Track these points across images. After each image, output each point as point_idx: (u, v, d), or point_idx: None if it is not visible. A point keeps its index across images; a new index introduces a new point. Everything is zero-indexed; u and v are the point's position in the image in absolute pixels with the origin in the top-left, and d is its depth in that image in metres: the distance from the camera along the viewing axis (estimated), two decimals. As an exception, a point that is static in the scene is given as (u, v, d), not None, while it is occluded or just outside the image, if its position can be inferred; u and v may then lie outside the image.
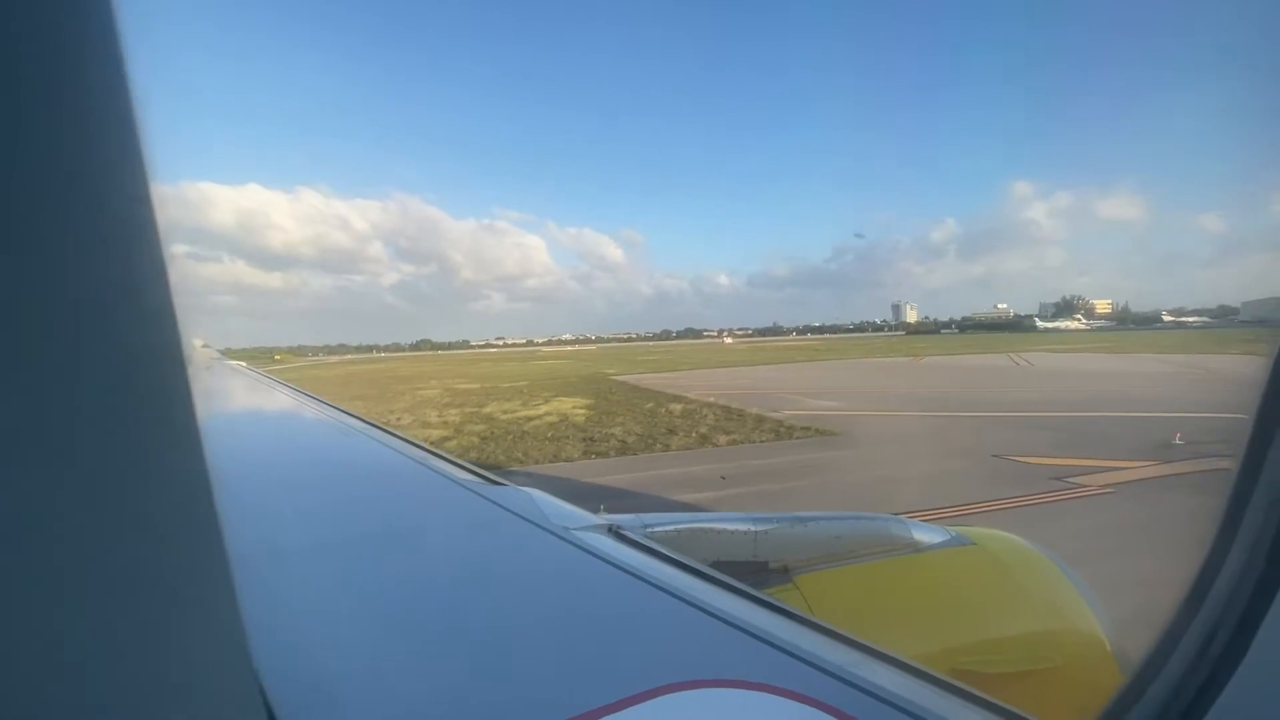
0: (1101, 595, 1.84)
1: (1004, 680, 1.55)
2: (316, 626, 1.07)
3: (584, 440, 13.50)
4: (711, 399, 20.11)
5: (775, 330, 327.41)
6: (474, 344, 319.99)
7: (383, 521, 1.66)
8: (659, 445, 12.54)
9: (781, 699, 0.83)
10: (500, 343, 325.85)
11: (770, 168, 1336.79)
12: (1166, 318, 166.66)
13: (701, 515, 2.00)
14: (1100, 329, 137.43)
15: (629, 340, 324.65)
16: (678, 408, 18.19)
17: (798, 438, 12.75)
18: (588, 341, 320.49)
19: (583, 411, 18.53)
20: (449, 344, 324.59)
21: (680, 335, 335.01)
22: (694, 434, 13.54)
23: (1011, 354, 43.71)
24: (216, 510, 0.43)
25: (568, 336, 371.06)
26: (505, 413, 19.19)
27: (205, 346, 8.74)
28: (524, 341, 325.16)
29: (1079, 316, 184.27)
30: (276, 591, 1.20)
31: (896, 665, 0.98)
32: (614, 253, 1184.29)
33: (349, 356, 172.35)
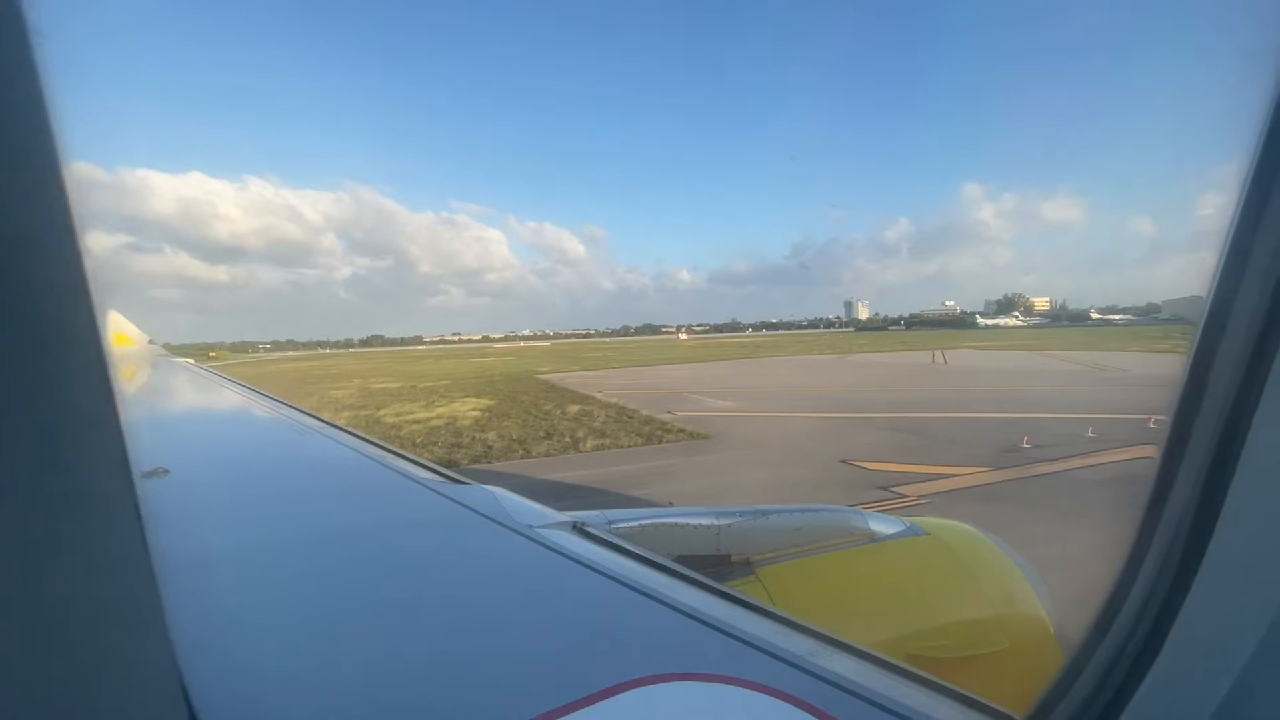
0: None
1: (956, 664, 1.59)
2: (273, 630, 1.05)
3: (450, 446, 12.93)
4: (615, 399, 19.74)
5: (734, 326, 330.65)
6: (428, 340, 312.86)
7: (341, 522, 1.63)
8: (520, 452, 12.06)
9: (744, 690, 0.86)
10: (456, 339, 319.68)
11: (733, 166, 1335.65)
12: (1095, 315, 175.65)
13: (665, 510, 2.01)
14: (1036, 326, 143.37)
15: (587, 336, 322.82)
16: (575, 409, 17.74)
17: (668, 442, 12.47)
18: (545, 338, 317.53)
19: (476, 414, 17.90)
20: (402, 340, 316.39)
21: (639, 331, 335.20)
22: (567, 439, 13.11)
23: (936, 351, 44.87)
24: (140, 512, 0.42)
25: (526, 333, 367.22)
26: (398, 415, 18.41)
27: (151, 343, 8.56)
28: (480, 338, 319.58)
29: (1017, 314, 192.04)
30: (230, 594, 1.17)
31: (854, 653, 1.00)
32: (576, 248, 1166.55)
33: (292, 354, 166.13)
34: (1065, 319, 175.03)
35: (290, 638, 1.02)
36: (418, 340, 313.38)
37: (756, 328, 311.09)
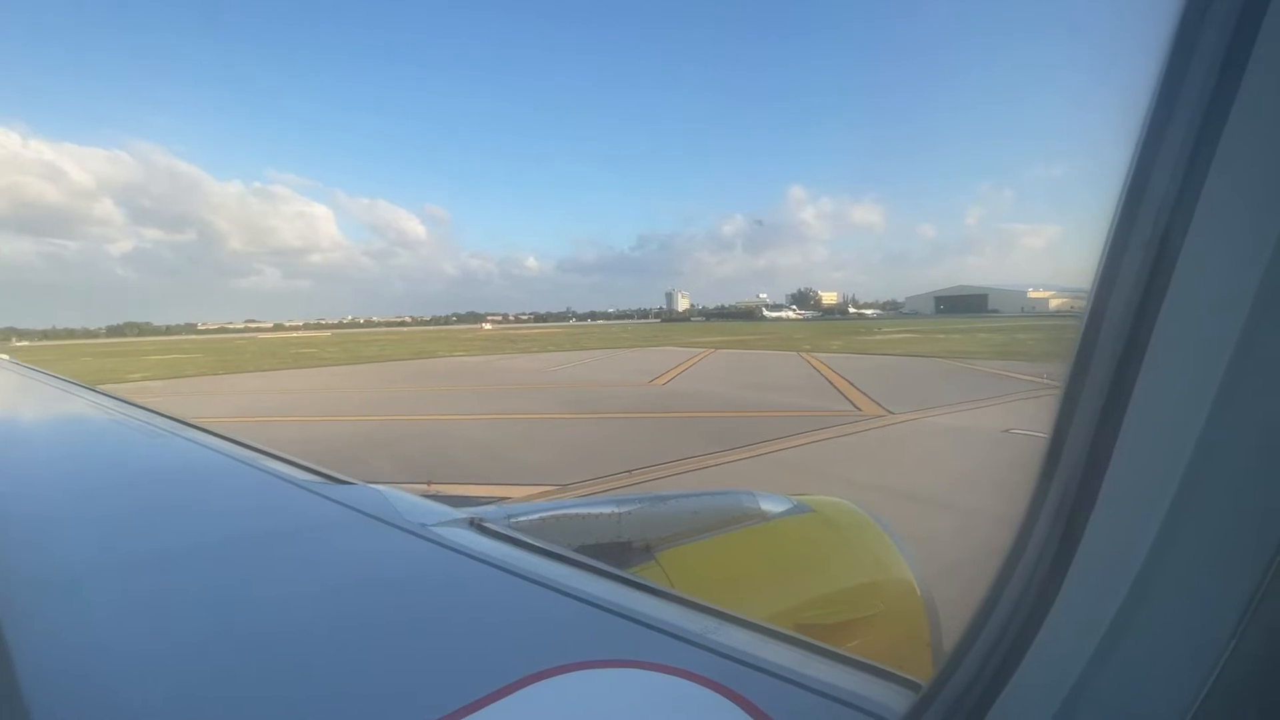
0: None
1: (838, 629, 1.65)
2: (136, 658, 0.96)
3: None
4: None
5: (561, 316, 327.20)
6: (203, 327, 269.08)
7: (208, 531, 1.52)
8: None
9: (645, 672, 0.88)
10: (242, 326, 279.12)
11: (581, 154, 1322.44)
12: (851, 310, 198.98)
13: (566, 501, 2.06)
14: (807, 319, 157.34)
15: (403, 325, 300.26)
16: None
17: None
18: (356, 326, 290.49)
19: None
20: (169, 328, 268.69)
21: (463, 319, 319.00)
22: None
23: (535, 355, 43.88)
24: None
25: (345, 319, 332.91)
26: None
27: None
28: (272, 325, 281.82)
29: (794, 308, 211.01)
30: (79, 619, 1.08)
31: (749, 627, 1.05)
32: (416, 229, 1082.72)
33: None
34: (836, 313, 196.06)
35: (156, 664, 0.93)
36: (190, 328, 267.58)
37: (582, 317, 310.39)
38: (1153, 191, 0.52)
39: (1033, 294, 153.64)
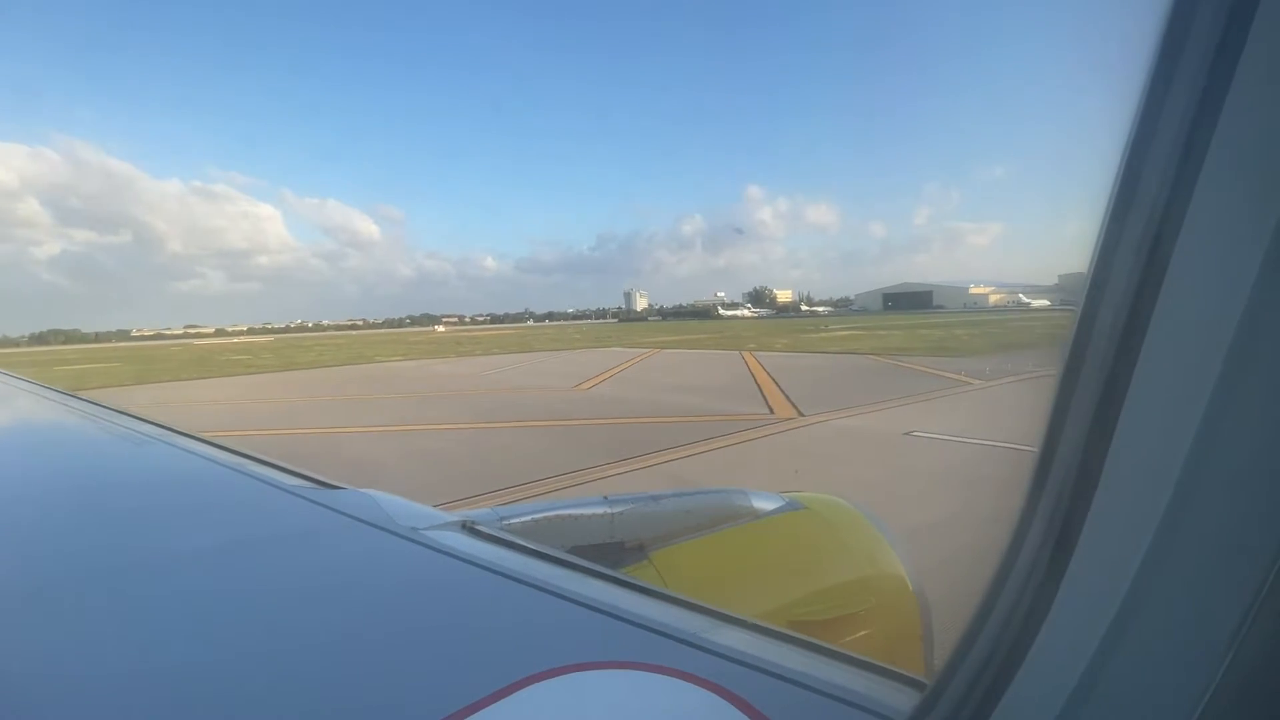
0: None
1: (832, 624, 1.64)
2: (114, 664, 0.95)
3: None
4: None
5: (518, 317, 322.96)
6: (137, 333, 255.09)
7: (196, 539, 1.48)
8: None
9: (640, 672, 0.88)
10: (181, 331, 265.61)
11: (539, 153, 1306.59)
12: (805, 308, 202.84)
13: (559, 503, 1.96)
14: (762, 317, 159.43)
15: (352, 328, 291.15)
16: None
17: None
18: (304, 330, 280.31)
19: None
20: (97, 335, 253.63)
21: (416, 321, 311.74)
22: None
23: (476, 359, 43.11)
24: None
25: (295, 323, 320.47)
26: None
27: None
28: (213, 331, 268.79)
29: (749, 306, 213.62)
30: (67, 627, 1.05)
31: (742, 625, 1.05)
32: (369, 229, 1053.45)
33: None
34: (791, 311, 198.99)
35: (147, 673, 0.92)
36: (124, 335, 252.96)
37: (540, 318, 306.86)
38: (1145, 189, 0.51)
39: (974, 290, 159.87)
